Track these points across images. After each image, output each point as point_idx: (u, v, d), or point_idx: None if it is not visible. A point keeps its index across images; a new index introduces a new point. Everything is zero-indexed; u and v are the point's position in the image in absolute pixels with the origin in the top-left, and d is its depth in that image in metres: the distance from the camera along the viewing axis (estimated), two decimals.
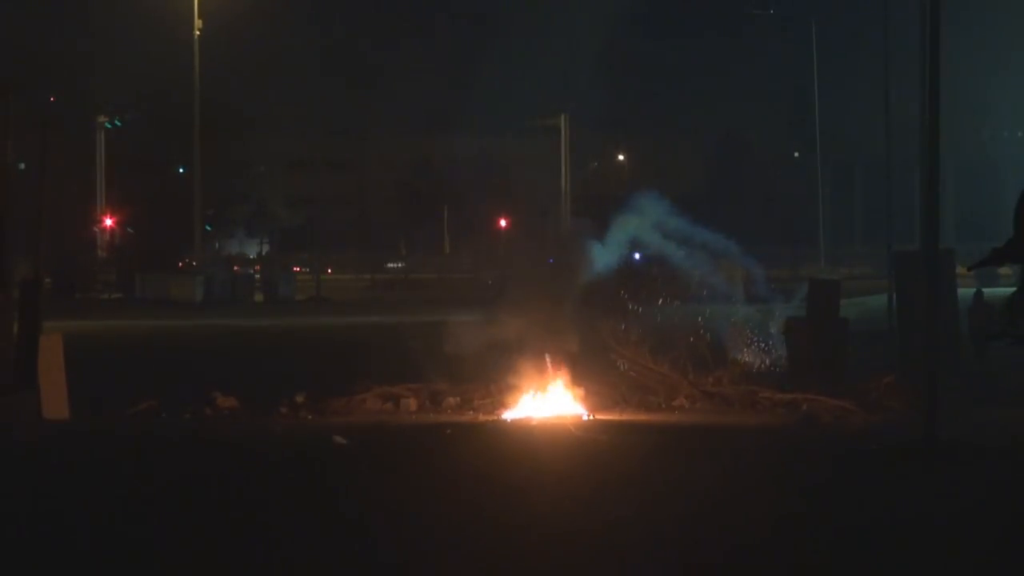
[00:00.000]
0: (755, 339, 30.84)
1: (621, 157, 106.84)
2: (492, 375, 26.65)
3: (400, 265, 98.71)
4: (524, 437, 23.15)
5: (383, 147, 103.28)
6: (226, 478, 19.32)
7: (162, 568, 14.25)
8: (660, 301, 28.69)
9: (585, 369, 26.72)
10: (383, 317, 52.16)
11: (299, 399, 26.72)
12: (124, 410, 26.00)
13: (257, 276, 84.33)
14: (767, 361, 30.59)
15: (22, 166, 35.88)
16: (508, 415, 25.57)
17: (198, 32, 77.75)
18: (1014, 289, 20.62)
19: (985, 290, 35.71)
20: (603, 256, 27.60)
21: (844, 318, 30.39)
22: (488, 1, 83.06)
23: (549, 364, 26.16)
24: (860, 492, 18.04)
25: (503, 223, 75.73)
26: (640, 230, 28.26)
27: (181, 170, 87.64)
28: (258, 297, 78.33)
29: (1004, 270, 31.21)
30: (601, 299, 27.66)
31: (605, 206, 30.60)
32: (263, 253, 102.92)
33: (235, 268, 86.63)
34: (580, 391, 26.22)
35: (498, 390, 26.52)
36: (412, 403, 26.73)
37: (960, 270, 33.31)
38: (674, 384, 27.48)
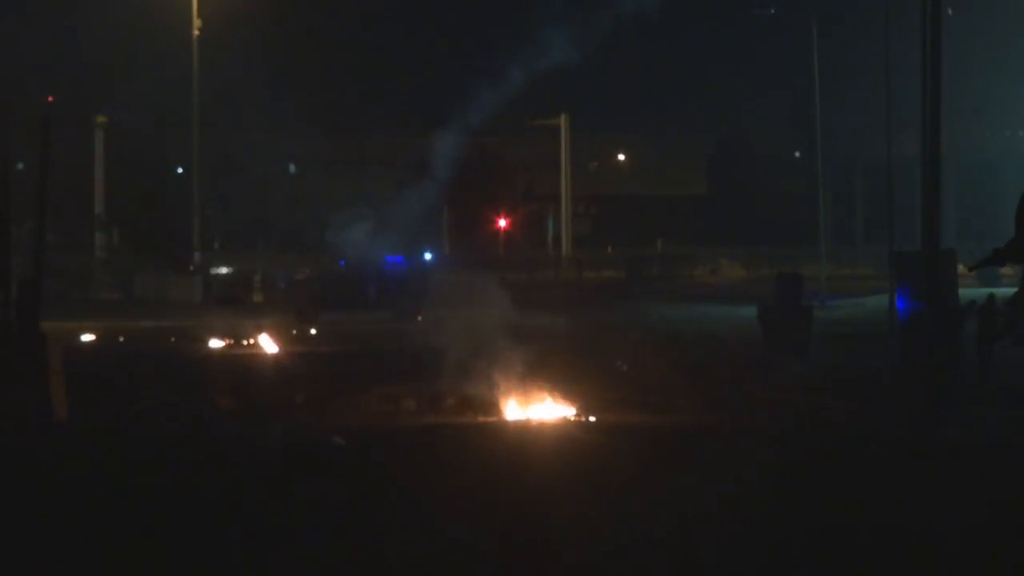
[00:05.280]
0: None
1: (621, 157, 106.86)
2: (491, 376, 26.62)
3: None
4: (524, 438, 23.11)
5: (383, 147, 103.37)
6: (224, 478, 19.29)
7: (160, 567, 14.23)
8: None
9: (585, 370, 26.70)
10: (383, 318, 52.10)
11: (299, 399, 26.68)
12: (122, 410, 25.95)
13: (257, 276, 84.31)
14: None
15: (20, 166, 35.81)
16: (508, 416, 25.53)
17: (197, 32, 77.77)
18: (1015, 290, 20.62)
19: (983, 291, 35.72)
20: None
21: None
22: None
23: (549, 365, 26.17)
24: (861, 492, 18.01)
25: (503, 223, 75.79)
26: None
27: (180, 170, 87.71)
28: (258, 297, 78.30)
29: (1006, 270, 31.24)
30: None
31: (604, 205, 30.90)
32: (262, 253, 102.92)
33: (234, 268, 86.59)
34: (580, 392, 26.19)
35: (498, 391, 26.48)
36: (412, 403, 26.70)
37: (961, 270, 33.35)
38: (673, 384, 27.49)
